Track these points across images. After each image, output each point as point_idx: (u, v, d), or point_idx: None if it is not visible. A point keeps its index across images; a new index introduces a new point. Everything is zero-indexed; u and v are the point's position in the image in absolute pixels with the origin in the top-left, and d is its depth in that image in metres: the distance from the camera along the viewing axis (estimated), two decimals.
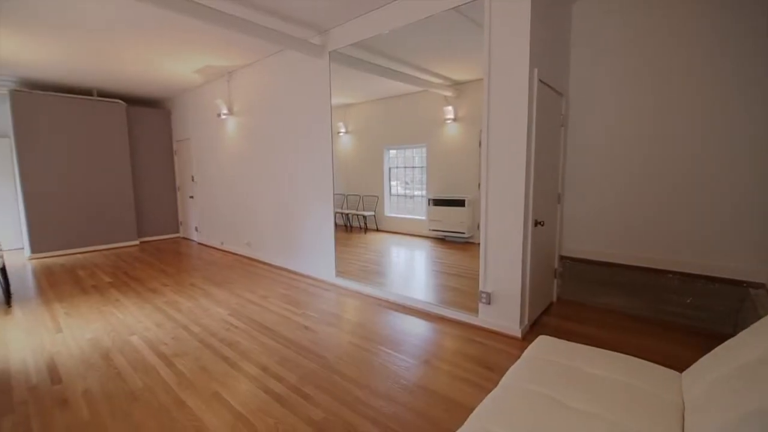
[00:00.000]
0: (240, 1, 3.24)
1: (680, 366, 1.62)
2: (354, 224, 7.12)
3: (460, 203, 5.69)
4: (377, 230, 6.83)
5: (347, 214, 7.09)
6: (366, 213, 6.89)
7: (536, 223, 2.88)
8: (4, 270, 3.85)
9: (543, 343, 1.81)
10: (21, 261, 5.61)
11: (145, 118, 7.05)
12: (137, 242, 6.86)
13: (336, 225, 4.27)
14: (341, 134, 7.02)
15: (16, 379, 2.33)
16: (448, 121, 5.82)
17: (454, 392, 2.12)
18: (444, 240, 5.98)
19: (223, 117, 5.73)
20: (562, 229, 3.60)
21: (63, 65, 5.00)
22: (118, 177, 6.55)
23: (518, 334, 2.77)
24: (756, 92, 2.60)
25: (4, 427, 1.88)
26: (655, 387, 1.40)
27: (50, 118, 5.81)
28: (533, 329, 2.92)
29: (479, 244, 2.95)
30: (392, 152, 6.79)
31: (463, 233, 5.71)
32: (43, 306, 3.65)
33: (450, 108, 5.72)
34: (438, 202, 5.96)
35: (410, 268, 4.92)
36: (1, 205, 6.38)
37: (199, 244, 6.89)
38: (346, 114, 6.97)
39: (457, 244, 5.75)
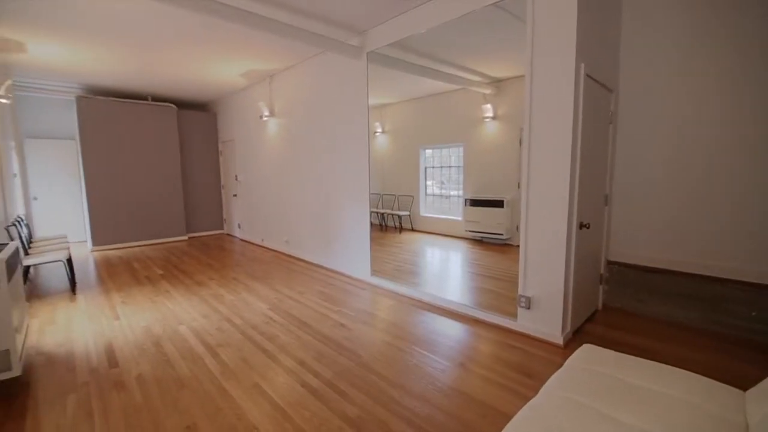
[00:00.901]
0: (283, 6, 3.34)
1: (744, 384, 1.48)
2: (389, 224, 7.14)
3: (498, 204, 5.54)
4: (412, 230, 6.81)
5: (382, 214, 7.12)
6: (401, 213, 6.89)
7: (581, 226, 2.74)
8: (70, 261, 4.22)
9: (588, 351, 1.72)
10: (84, 253, 6.13)
11: (193, 120, 7.47)
12: (186, 237, 7.29)
13: (371, 224, 4.30)
14: (377, 134, 7.06)
15: (80, 361, 2.55)
16: (487, 120, 5.68)
17: (491, 397, 2.06)
18: (481, 241, 5.85)
19: (265, 119, 5.95)
20: (609, 232, 3.41)
21: (122, 73, 5.40)
22: (170, 176, 6.99)
23: (560, 341, 2.65)
24: None
25: (68, 404, 2.06)
26: (717, 406, 1.28)
27: (110, 121, 6.30)
28: (576, 337, 2.79)
29: (518, 246, 2.86)
30: (428, 152, 6.74)
31: (501, 235, 5.56)
32: (103, 295, 3.97)
33: (488, 106, 5.58)
34: (475, 203, 5.84)
35: (445, 269, 4.86)
36: (69, 201, 7.01)
37: (242, 240, 7.20)
38: (382, 114, 7.00)
39: (494, 246, 5.60)
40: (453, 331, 2.96)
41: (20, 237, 3.96)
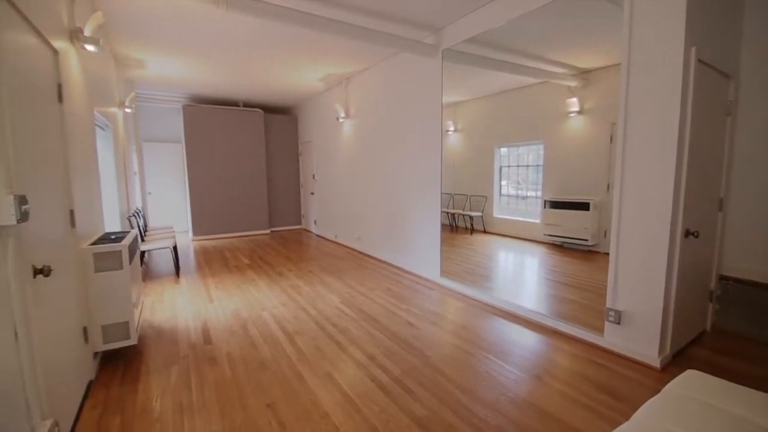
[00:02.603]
0: (361, 10, 3.44)
1: None
2: (459, 224, 6.97)
3: (583, 206, 5.08)
4: (484, 232, 6.56)
5: (453, 214, 6.97)
6: (473, 213, 6.68)
7: (687, 234, 2.39)
8: (175, 248, 4.85)
9: (692, 378, 1.49)
10: (186, 242, 7.00)
11: (277, 123, 8.09)
12: (268, 231, 7.92)
13: (441, 225, 4.24)
14: (450, 133, 6.91)
15: (181, 336, 2.91)
16: (572, 115, 5.24)
17: (570, 416, 1.90)
18: (562, 247, 5.42)
19: (341, 120, 6.20)
20: (723, 242, 2.92)
21: (220, 82, 6.04)
22: (256, 175, 7.66)
23: (656, 363, 2.35)
24: None
25: (171, 373, 2.37)
26: None
27: (209, 126, 7.10)
28: (677, 360, 2.44)
29: (607, 253, 2.59)
30: (503, 150, 6.43)
31: (586, 240, 5.09)
32: (200, 279, 4.49)
33: (574, 100, 5.14)
34: (556, 205, 5.43)
35: (520, 274, 4.60)
36: (176, 196, 8.05)
37: (317, 236, 7.61)
38: (455, 112, 6.84)
39: (577, 252, 5.16)
40: (528, 340, 2.79)
41: (138, 226, 4.65)
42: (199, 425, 1.86)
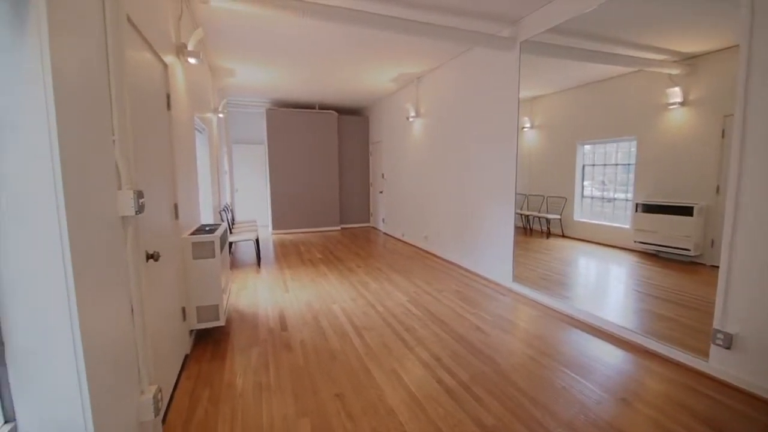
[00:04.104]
0: (434, 8, 3.40)
1: None
2: (534, 227, 6.56)
3: (685, 211, 4.45)
4: (562, 236, 6.09)
5: (527, 216, 6.58)
6: (550, 216, 6.24)
7: None
8: (257, 241, 5.28)
9: None
10: (266, 235, 7.58)
11: (349, 124, 8.39)
12: (339, 228, 8.26)
13: (515, 227, 4.02)
14: (526, 130, 6.54)
15: (261, 322, 3.15)
16: (672, 107, 4.61)
17: None
18: (656, 256, 4.81)
19: (411, 119, 6.21)
20: None
21: (298, 87, 6.43)
22: (329, 174, 8.04)
23: None
24: None
25: (252, 355, 2.58)
26: None
27: (288, 128, 7.61)
28: None
29: (714, 266, 2.23)
30: (587, 148, 5.91)
31: (688, 250, 4.45)
32: (278, 270, 4.83)
33: (676, 90, 4.52)
34: (650, 208, 4.82)
35: (604, 284, 4.19)
36: (259, 193, 8.78)
37: (384, 233, 7.73)
38: (532, 108, 6.45)
39: (675, 263, 4.54)
40: (611, 357, 2.53)
41: (227, 220, 5.15)
42: (275, 405, 2.00)
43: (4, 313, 1.00)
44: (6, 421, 1.05)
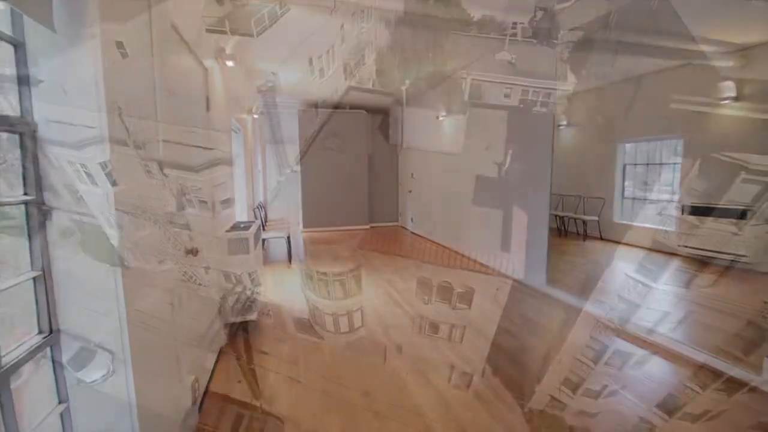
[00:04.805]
0: (476, 2, 3.34)
1: None
2: (570, 229, 6.31)
3: (739, 214, 4.12)
4: (600, 238, 5.82)
5: (562, 218, 6.34)
6: (587, 217, 5.98)
7: None
8: (289, 238, 5.41)
9: None
10: (297, 232, 7.76)
11: (378, 123, 8.44)
12: (367, 226, 8.32)
13: (549, 229, 3.89)
14: (561, 127, 6.31)
15: (292, 317, 3.23)
16: (725, 102, 4.29)
17: None
18: (704, 262, 4.48)
19: (441, 119, 6.15)
20: None
21: (330, 87, 6.52)
22: (358, 173, 8.13)
23: None
24: None
25: (283, 348, 2.64)
26: None
27: (316, 127, 7.77)
28: None
29: None
30: (628, 146, 5.63)
31: (744, 256, 4.09)
32: (308, 267, 4.93)
33: (729, 83, 4.20)
34: (699, 210, 4.50)
35: (647, 291, 3.95)
36: (291, 192, 8.99)
37: (412, 233, 7.70)
38: (569, 104, 6.20)
39: (729, 271, 4.20)
40: (656, 368, 2.39)
41: (260, 217, 5.31)
42: (304, 399, 2.05)
43: (59, 304, 1.08)
44: (60, 402, 1.13)
